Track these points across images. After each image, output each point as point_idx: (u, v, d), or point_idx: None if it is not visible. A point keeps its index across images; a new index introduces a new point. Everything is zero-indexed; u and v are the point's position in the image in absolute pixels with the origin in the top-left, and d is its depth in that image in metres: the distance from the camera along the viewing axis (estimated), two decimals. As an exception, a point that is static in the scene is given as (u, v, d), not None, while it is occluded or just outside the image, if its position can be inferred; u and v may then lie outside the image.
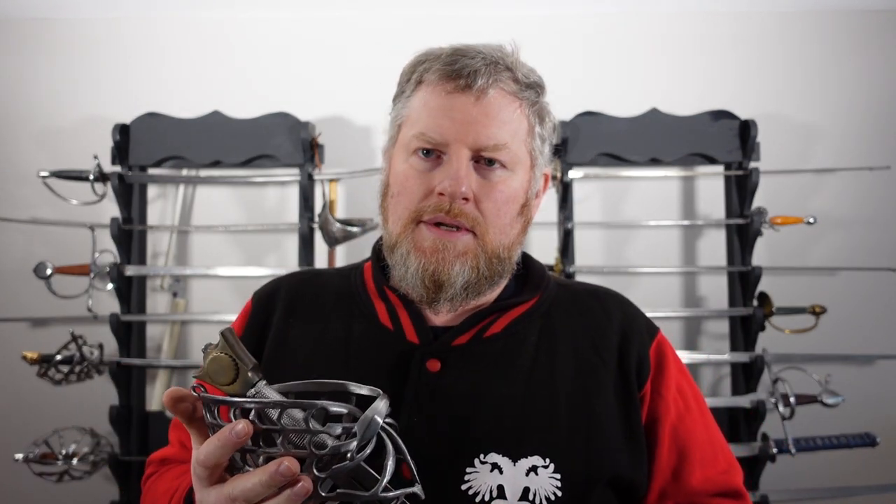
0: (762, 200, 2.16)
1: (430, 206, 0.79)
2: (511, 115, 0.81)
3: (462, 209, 0.78)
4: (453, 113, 0.79)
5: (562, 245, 2.13)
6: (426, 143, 0.80)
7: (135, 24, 2.34)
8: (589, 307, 0.90)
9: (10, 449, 2.01)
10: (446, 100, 0.80)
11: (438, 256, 0.79)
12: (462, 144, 0.79)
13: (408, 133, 0.82)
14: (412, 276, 0.80)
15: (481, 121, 0.79)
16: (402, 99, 0.86)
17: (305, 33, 2.34)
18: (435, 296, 0.80)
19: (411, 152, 0.81)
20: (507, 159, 0.81)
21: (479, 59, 0.80)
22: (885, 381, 2.23)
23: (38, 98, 2.32)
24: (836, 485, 2.13)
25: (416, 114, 0.82)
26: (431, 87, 0.81)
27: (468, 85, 0.79)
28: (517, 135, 0.82)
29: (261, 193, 2.32)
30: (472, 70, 0.79)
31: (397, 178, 0.83)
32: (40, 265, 2.07)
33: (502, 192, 0.81)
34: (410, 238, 0.80)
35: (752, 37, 2.33)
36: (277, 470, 0.57)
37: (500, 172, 0.81)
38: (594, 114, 2.13)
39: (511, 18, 2.32)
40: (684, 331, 2.29)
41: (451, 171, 0.78)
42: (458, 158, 0.79)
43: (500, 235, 0.82)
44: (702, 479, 0.83)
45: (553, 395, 0.80)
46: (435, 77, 0.81)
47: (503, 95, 0.81)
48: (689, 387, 0.88)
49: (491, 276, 0.82)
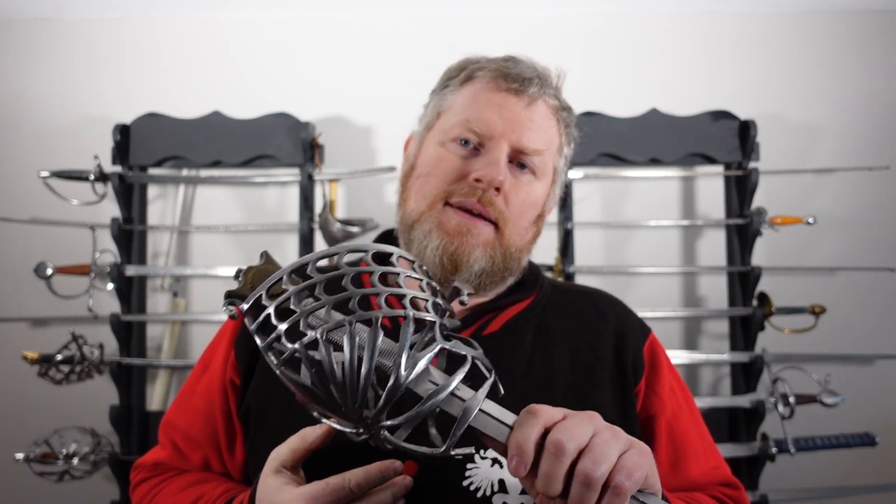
0: (762, 200, 2.16)
1: (463, 189, 0.81)
2: (550, 128, 0.86)
3: (492, 199, 0.80)
4: (503, 111, 0.82)
5: (562, 245, 2.13)
6: (470, 131, 0.82)
7: (135, 24, 2.34)
8: (583, 307, 0.91)
9: (11, 449, 2.01)
10: (498, 97, 0.83)
11: (462, 239, 0.80)
12: (505, 140, 0.82)
13: (450, 119, 0.85)
14: (431, 253, 0.81)
15: (527, 124, 0.83)
16: (446, 91, 0.88)
17: (305, 33, 2.34)
18: (452, 276, 0.81)
19: (451, 138, 0.83)
20: (538, 166, 0.84)
21: (533, 70, 0.85)
22: (885, 380, 2.23)
23: (38, 98, 2.32)
24: (835, 484, 2.14)
25: (463, 104, 0.85)
26: (484, 82, 0.85)
27: (521, 89, 0.83)
28: (551, 147, 0.86)
29: (261, 193, 2.32)
30: (528, 78, 0.83)
31: (428, 160, 0.85)
32: (41, 265, 2.07)
33: (528, 194, 0.84)
34: (436, 217, 0.81)
35: (752, 37, 2.33)
36: (391, 467, 0.64)
37: (529, 177, 0.84)
38: (594, 114, 2.13)
39: (511, 18, 2.32)
40: (684, 331, 2.29)
41: (491, 159, 0.81)
42: (500, 150, 0.81)
43: (517, 236, 0.84)
44: (699, 473, 0.85)
45: (550, 390, 0.82)
46: (489, 76, 0.84)
47: (547, 108, 0.86)
48: (679, 385, 0.91)
49: (503, 270, 0.84)
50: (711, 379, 2.28)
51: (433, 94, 0.90)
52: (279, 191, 2.32)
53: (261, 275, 0.61)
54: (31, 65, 2.33)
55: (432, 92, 0.90)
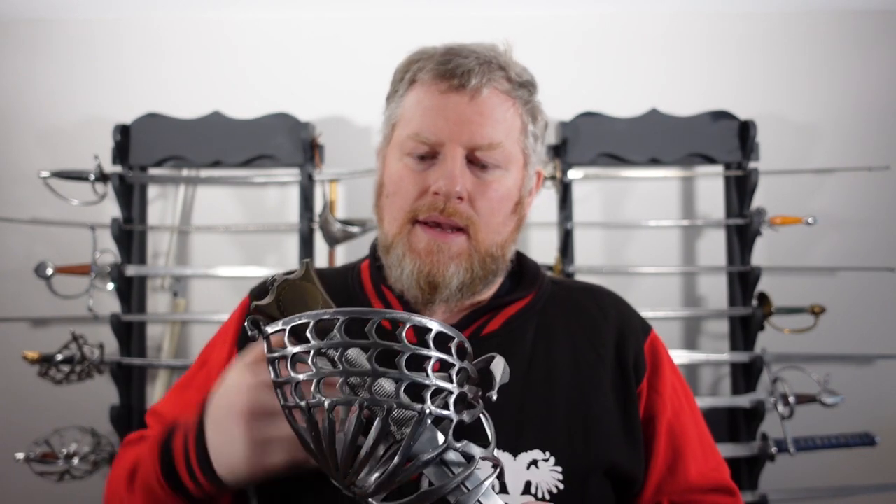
0: (762, 200, 2.16)
1: (425, 205, 0.79)
2: (504, 113, 0.81)
3: (457, 208, 0.79)
4: (447, 112, 0.79)
5: (562, 245, 2.13)
6: (421, 143, 0.80)
7: (135, 24, 2.34)
8: (585, 304, 0.90)
9: (11, 449, 2.01)
10: (440, 99, 0.80)
11: (433, 258, 0.79)
12: (456, 144, 0.79)
13: (402, 133, 0.82)
14: (408, 278, 0.81)
15: (476, 120, 0.79)
16: (396, 98, 0.86)
17: (305, 33, 2.34)
18: (430, 297, 0.81)
19: (406, 152, 0.82)
20: (501, 158, 0.81)
21: (473, 58, 0.80)
22: (885, 380, 2.23)
23: (39, 98, 2.32)
24: (835, 484, 2.14)
25: (410, 113, 0.82)
26: (425, 86, 0.81)
27: (462, 84, 0.79)
28: (511, 133, 0.82)
29: (261, 193, 2.32)
30: (466, 69, 0.79)
31: (392, 178, 0.83)
32: (41, 265, 2.07)
33: (496, 190, 0.81)
34: (406, 240, 0.81)
35: (752, 37, 2.33)
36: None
37: (494, 171, 0.81)
38: (594, 114, 2.13)
39: (510, 19, 2.32)
40: (684, 331, 2.29)
41: (445, 170, 0.78)
42: (453, 158, 0.79)
43: (493, 234, 0.82)
44: (697, 475, 0.84)
45: (551, 389, 0.81)
46: (429, 76, 0.81)
47: (497, 94, 0.81)
48: (681, 385, 0.90)
49: (485, 275, 0.82)
50: (711, 379, 2.28)
51: (387, 101, 0.88)
52: (279, 191, 2.32)
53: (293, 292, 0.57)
54: (31, 65, 2.33)
55: (386, 98, 0.88)
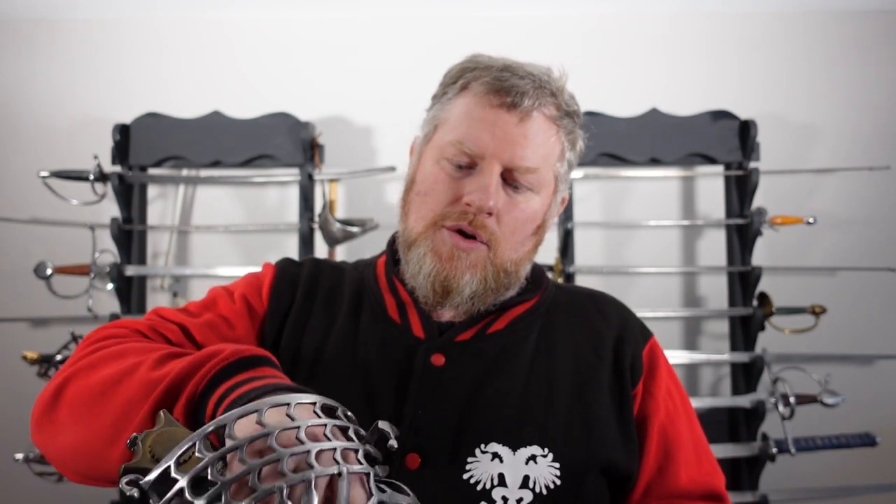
0: (762, 200, 2.16)
1: (455, 212, 0.81)
2: (547, 140, 0.83)
3: (484, 222, 0.81)
4: (494, 128, 0.80)
5: (562, 245, 2.13)
6: (462, 152, 0.81)
7: (135, 24, 2.34)
8: (587, 309, 0.93)
9: (10, 449, 2.01)
10: (490, 113, 0.81)
11: (452, 264, 0.81)
12: (496, 160, 0.80)
13: (444, 136, 0.84)
14: (424, 278, 0.83)
15: (520, 142, 0.80)
16: (444, 100, 0.87)
17: (305, 33, 2.34)
18: (441, 300, 0.83)
19: (445, 156, 0.83)
20: (534, 182, 0.83)
21: (529, 80, 0.81)
22: (885, 381, 2.23)
23: (38, 98, 2.32)
24: (835, 485, 2.13)
25: (457, 120, 0.83)
26: (477, 97, 0.83)
27: (514, 104, 0.80)
28: (549, 160, 0.84)
29: (261, 193, 2.32)
30: (521, 91, 0.80)
31: (426, 178, 0.85)
32: (40, 265, 2.07)
33: (524, 211, 0.83)
34: (430, 240, 0.83)
35: (752, 37, 2.33)
36: None
37: (525, 193, 0.83)
38: (594, 114, 2.13)
39: (511, 19, 2.32)
40: (684, 331, 2.29)
41: (481, 183, 0.80)
42: (490, 173, 0.80)
43: (511, 251, 0.84)
44: (687, 480, 0.85)
45: (551, 388, 0.83)
46: (482, 88, 0.82)
47: (544, 120, 0.83)
48: (678, 391, 0.91)
49: (497, 287, 0.84)
50: (711, 379, 2.28)
51: (433, 100, 0.90)
52: (279, 191, 2.32)
53: (162, 440, 0.53)
54: (31, 65, 2.33)
55: (433, 97, 0.90)
